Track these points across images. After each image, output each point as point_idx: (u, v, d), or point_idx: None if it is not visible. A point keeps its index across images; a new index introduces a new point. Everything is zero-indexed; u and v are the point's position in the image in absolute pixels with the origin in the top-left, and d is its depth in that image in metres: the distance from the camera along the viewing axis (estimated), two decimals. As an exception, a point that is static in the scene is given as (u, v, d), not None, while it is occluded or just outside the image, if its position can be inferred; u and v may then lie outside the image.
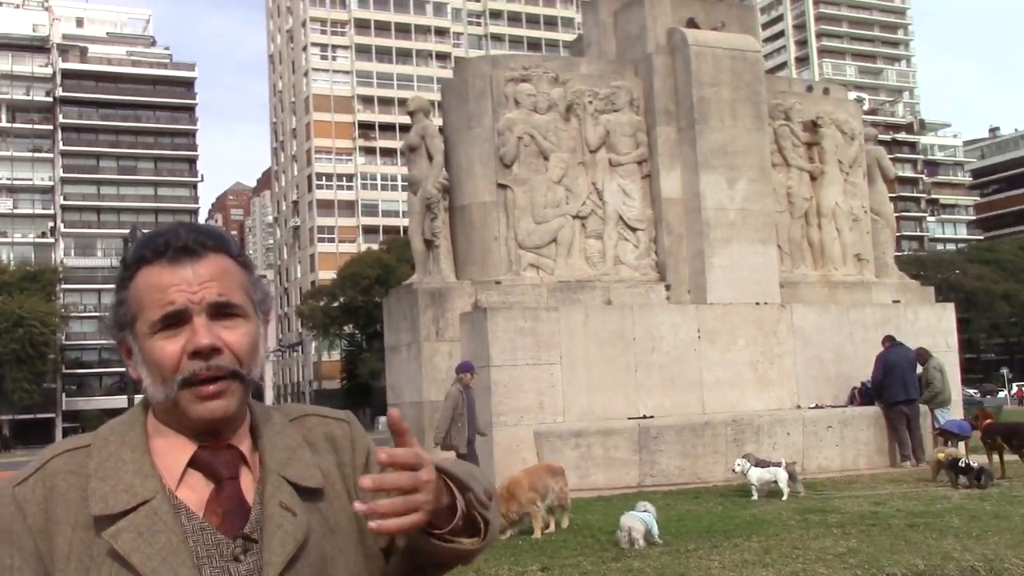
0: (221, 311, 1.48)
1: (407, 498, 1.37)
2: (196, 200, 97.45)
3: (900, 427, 14.99)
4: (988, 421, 13.84)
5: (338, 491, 1.57)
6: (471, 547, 1.50)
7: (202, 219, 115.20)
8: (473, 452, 12.02)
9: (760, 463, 11.78)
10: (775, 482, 11.50)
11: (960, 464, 11.97)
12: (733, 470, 12.05)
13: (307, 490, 1.52)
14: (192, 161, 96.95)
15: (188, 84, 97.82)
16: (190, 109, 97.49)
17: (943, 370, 15.68)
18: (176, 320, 1.46)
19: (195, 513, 1.45)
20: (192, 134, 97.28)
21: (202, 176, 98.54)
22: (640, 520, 8.38)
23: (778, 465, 11.70)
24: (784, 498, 11.22)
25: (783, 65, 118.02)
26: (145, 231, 1.59)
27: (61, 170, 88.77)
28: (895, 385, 14.93)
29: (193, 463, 1.48)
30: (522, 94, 15.81)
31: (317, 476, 1.54)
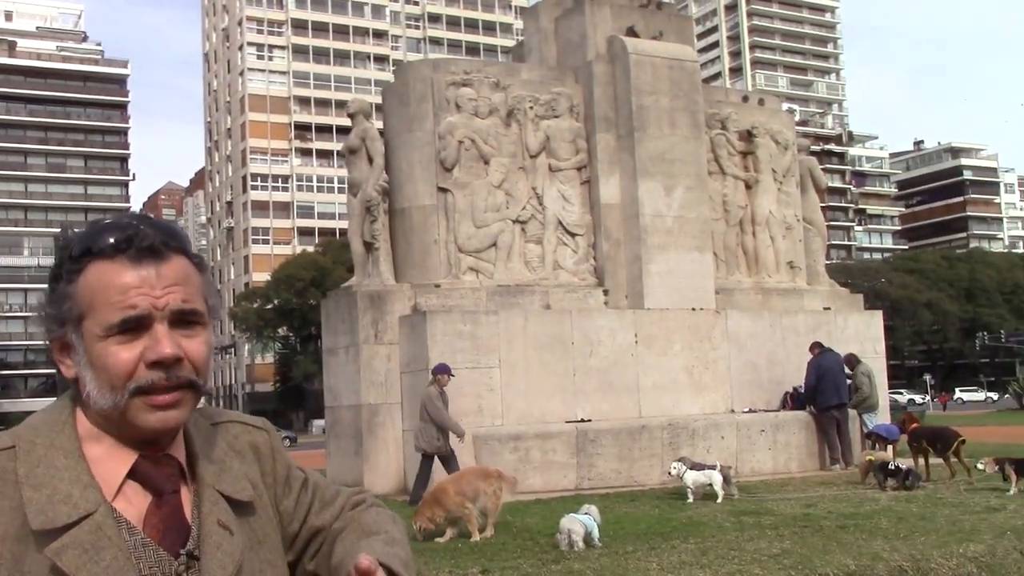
0: (183, 318, 1.40)
1: None
2: (127, 199, 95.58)
3: (830, 431, 15.34)
4: (914, 425, 14.26)
5: (264, 502, 1.55)
6: None
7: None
8: (452, 452, 12.49)
9: (696, 466, 11.97)
10: (710, 485, 11.70)
11: (889, 467, 12.30)
12: (669, 473, 12.23)
13: (238, 503, 1.49)
14: (124, 159, 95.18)
15: (120, 81, 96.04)
16: (122, 107, 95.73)
17: (871, 375, 16.09)
18: (135, 325, 1.37)
19: (136, 527, 1.37)
20: (124, 132, 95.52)
21: (134, 175, 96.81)
22: (580, 523, 8.42)
23: (713, 468, 11.89)
24: (719, 501, 11.41)
25: (717, 75, 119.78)
26: (76, 229, 1.50)
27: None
28: (827, 390, 15.28)
29: (132, 474, 1.40)
30: (463, 98, 15.86)
31: (248, 489, 1.51)
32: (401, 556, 1.49)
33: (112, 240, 1.39)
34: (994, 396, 75.79)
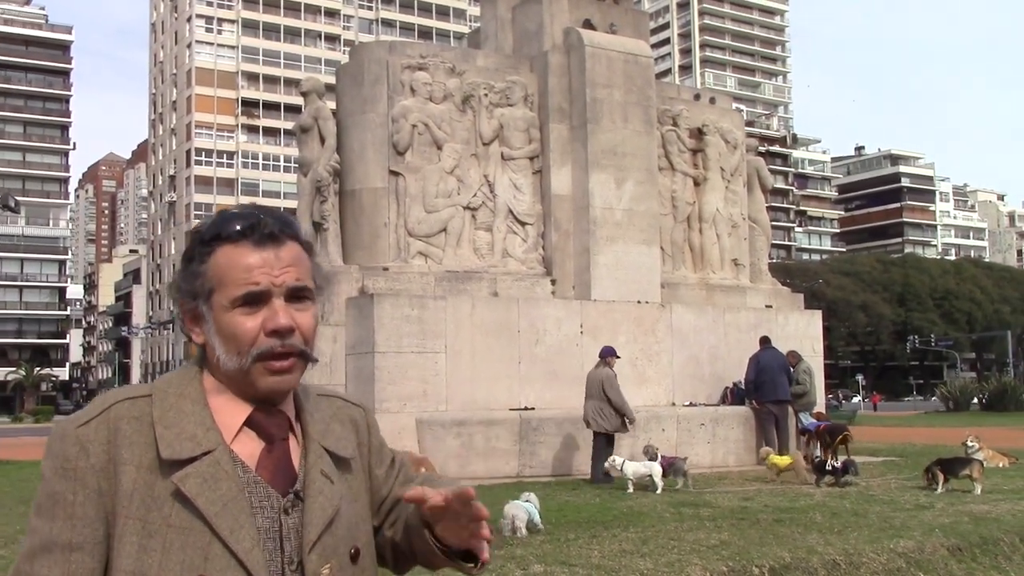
0: (296, 294, 1.63)
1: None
2: (67, 168, 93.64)
3: (768, 426, 15.62)
4: (823, 423, 15.82)
5: (360, 466, 1.78)
6: (469, 571, 1.71)
7: (72, 188, 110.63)
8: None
9: (665, 459, 12.24)
10: (650, 476, 11.87)
11: (827, 467, 12.67)
12: (609, 464, 12.36)
13: (340, 459, 1.71)
14: (64, 127, 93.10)
15: (64, 47, 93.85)
16: (65, 73, 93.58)
17: (812, 373, 16.42)
18: (257, 299, 1.60)
19: (249, 467, 1.59)
20: (66, 100, 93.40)
21: (74, 144, 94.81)
22: (523, 509, 8.54)
23: (684, 460, 12.34)
24: (658, 492, 11.59)
25: (667, 72, 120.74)
26: (18, 197, 1.66)
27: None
28: (766, 385, 15.56)
29: (248, 422, 1.63)
30: (418, 82, 15.81)
31: (349, 447, 1.75)
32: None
33: (239, 227, 1.62)
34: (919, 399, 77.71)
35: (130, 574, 1.51)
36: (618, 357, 13.79)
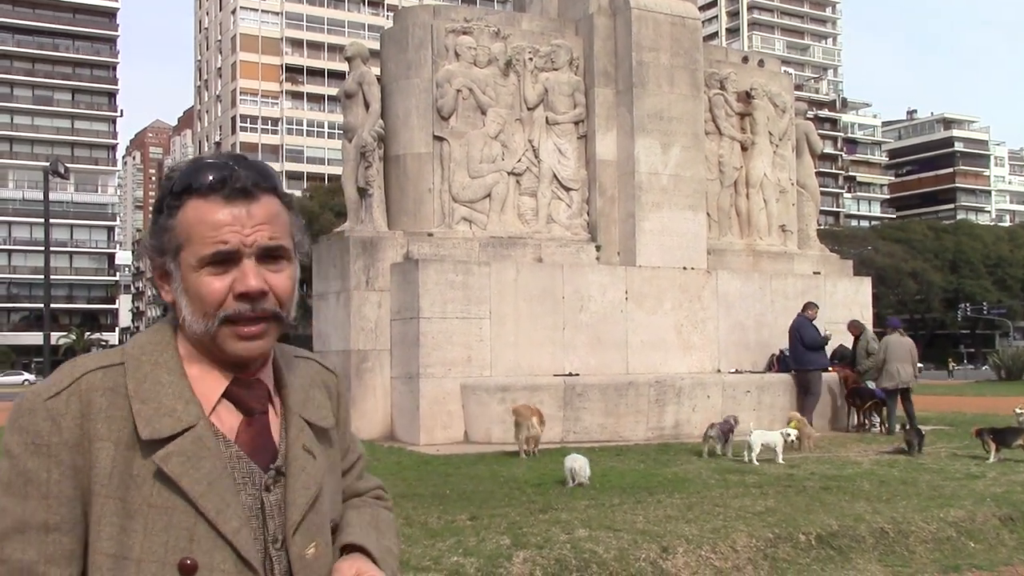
0: (270, 254, 1.52)
1: None
2: (115, 135, 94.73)
3: (799, 392, 15.40)
4: (853, 385, 15.95)
5: (335, 435, 1.71)
6: None
7: (119, 155, 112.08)
8: None
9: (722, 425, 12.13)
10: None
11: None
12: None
13: (320, 430, 1.64)
14: (112, 95, 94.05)
15: (110, 14, 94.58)
16: (111, 41, 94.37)
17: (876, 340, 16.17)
18: (226, 259, 1.49)
19: (231, 441, 1.52)
20: (112, 67, 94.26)
21: (121, 111, 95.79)
22: (580, 460, 9.44)
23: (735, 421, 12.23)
24: (780, 461, 11.28)
25: (714, 35, 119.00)
26: (67, 164, 1.55)
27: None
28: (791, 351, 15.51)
29: (226, 394, 1.54)
30: (463, 46, 15.70)
31: (329, 417, 1.67)
32: (393, 568, 1.66)
33: (209, 180, 1.50)
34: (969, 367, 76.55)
35: (111, 556, 1.43)
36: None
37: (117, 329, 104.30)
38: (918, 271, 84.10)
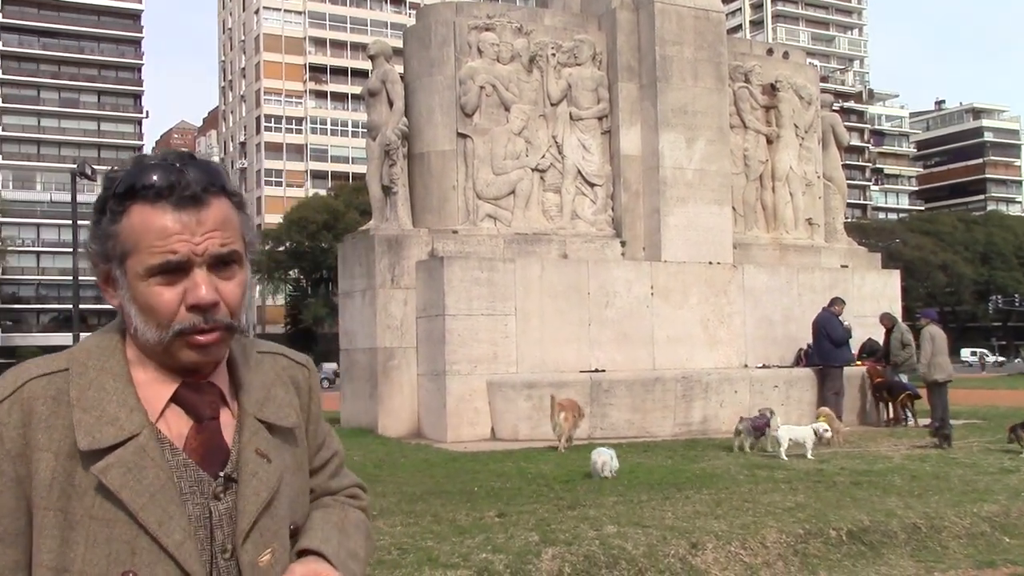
0: (221, 260, 1.45)
1: None
2: (141, 136, 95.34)
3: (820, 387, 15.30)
4: (879, 379, 15.93)
5: (303, 434, 1.64)
6: None
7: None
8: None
9: (753, 420, 12.00)
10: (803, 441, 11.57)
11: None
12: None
13: (282, 430, 1.56)
14: (137, 96, 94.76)
15: (135, 16, 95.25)
16: (136, 42, 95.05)
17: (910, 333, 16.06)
18: (175, 269, 1.42)
19: (178, 449, 1.45)
20: (138, 68, 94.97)
21: (147, 112, 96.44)
22: (607, 453, 9.59)
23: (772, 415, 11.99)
24: (809, 457, 11.22)
25: (738, 28, 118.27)
26: (94, 166, 1.47)
27: (0, 100, 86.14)
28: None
29: (175, 398, 1.48)
30: (485, 43, 15.69)
31: (292, 416, 1.59)
32: (356, 572, 1.59)
33: (154, 182, 1.42)
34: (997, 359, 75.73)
35: (52, 570, 1.38)
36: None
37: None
38: (948, 263, 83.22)
